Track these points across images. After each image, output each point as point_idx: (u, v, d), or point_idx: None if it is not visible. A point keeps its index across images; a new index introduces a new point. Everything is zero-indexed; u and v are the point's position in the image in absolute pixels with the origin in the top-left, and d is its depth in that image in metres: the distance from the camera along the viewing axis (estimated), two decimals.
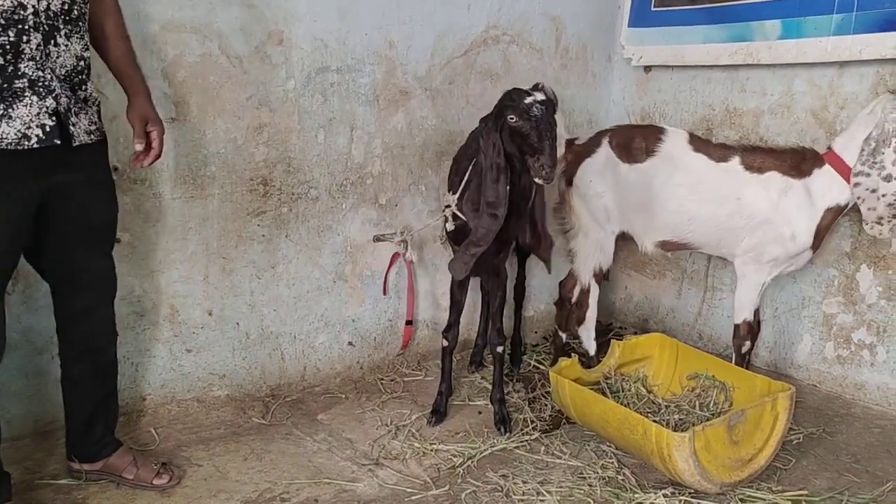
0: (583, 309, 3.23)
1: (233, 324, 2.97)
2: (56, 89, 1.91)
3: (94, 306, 2.22)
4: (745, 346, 2.96)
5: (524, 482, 2.46)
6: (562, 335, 3.40)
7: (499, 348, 2.86)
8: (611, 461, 2.61)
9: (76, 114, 1.99)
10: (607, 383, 2.91)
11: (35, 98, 1.87)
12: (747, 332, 2.94)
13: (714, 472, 2.34)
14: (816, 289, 3.27)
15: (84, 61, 2.02)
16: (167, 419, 2.82)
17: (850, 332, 3.17)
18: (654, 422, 2.41)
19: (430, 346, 3.49)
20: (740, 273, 2.93)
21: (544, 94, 2.42)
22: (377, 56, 3.09)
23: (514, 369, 3.40)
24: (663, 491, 2.39)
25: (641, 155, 2.98)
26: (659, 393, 2.94)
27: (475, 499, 2.38)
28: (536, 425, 2.87)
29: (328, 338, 3.22)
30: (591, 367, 2.99)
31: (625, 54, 3.79)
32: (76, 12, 1.96)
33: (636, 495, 2.38)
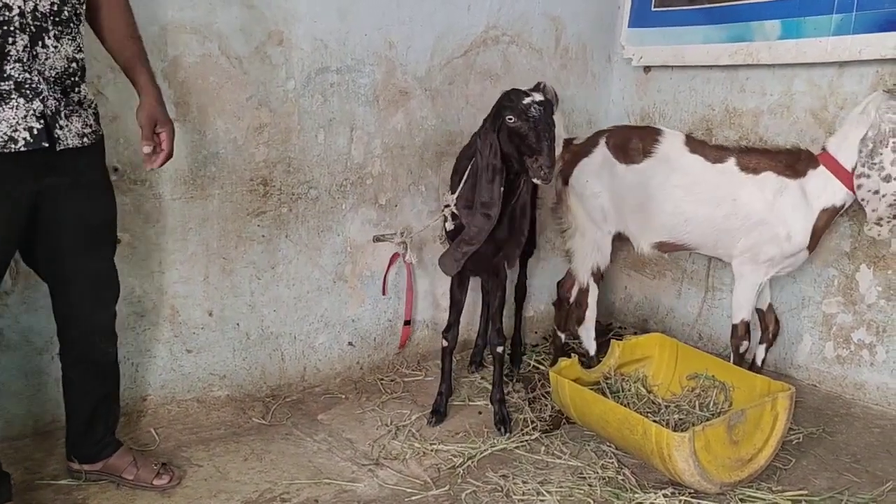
0: (582, 308, 3.23)
1: (233, 324, 2.97)
2: (44, 92, 1.88)
3: (93, 308, 2.21)
4: (744, 345, 2.96)
5: (524, 482, 2.46)
6: (561, 335, 3.40)
7: (499, 348, 2.86)
8: (611, 461, 2.61)
9: (67, 117, 1.95)
10: (607, 383, 2.91)
11: (22, 100, 1.84)
12: (745, 332, 2.95)
13: (714, 472, 2.35)
14: (816, 289, 3.27)
15: (77, 63, 1.98)
16: (167, 419, 2.82)
17: (850, 332, 3.18)
18: (654, 422, 2.41)
19: (430, 346, 3.49)
20: (737, 273, 2.93)
21: (544, 94, 2.43)
22: (377, 56, 3.09)
23: (515, 369, 3.40)
24: (663, 491, 2.39)
25: (638, 156, 2.98)
26: (659, 393, 2.95)
27: (475, 499, 2.38)
28: (536, 425, 2.87)
29: (328, 338, 3.22)
30: (591, 367, 2.99)
31: (625, 54, 3.79)
32: (67, 13, 1.92)
33: (636, 495, 2.38)
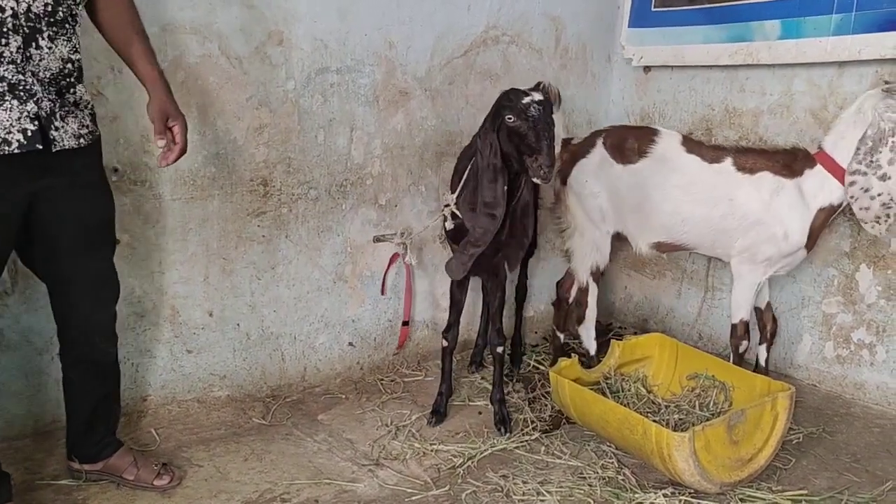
0: (582, 308, 3.23)
1: (233, 324, 2.97)
2: (38, 93, 1.87)
3: (92, 308, 2.20)
4: (743, 345, 2.97)
5: (524, 482, 2.46)
6: (560, 335, 3.40)
7: (499, 349, 2.86)
8: (611, 461, 2.61)
9: (62, 118, 1.94)
10: (607, 383, 2.91)
11: (15, 102, 1.82)
12: (744, 332, 2.95)
13: (714, 472, 2.35)
14: (816, 288, 3.27)
15: (72, 64, 1.97)
16: (168, 420, 2.82)
17: (850, 332, 3.18)
18: (654, 422, 2.41)
19: (430, 346, 3.49)
20: (736, 273, 2.93)
21: (544, 93, 2.43)
22: (377, 56, 3.09)
23: (515, 369, 3.40)
24: (663, 491, 2.39)
25: (634, 156, 2.99)
26: (659, 393, 2.95)
27: (475, 499, 2.39)
28: (536, 425, 2.87)
29: (328, 338, 3.22)
30: (591, 367, 2.99)
31: (625, 54, 3.80)
32: (61, 14, 1.90)
33: (636, 495, 2.38)
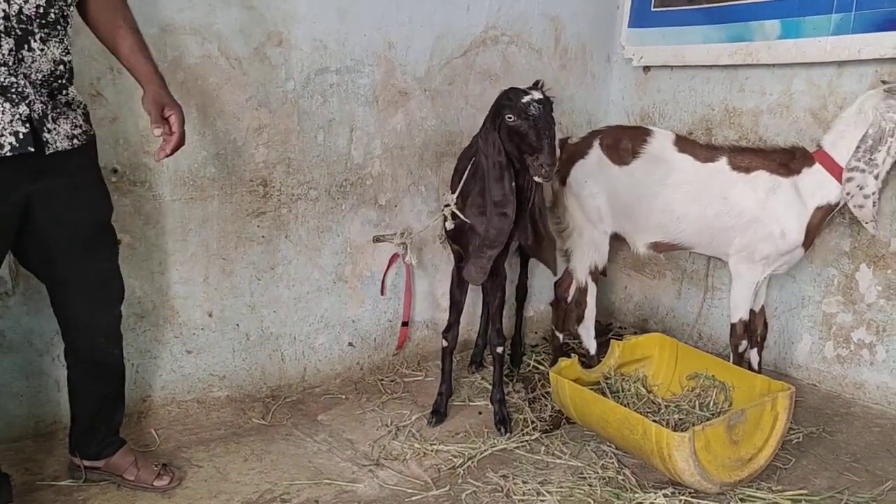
0: (581, 308, 3.24)
1: (233, 325, 2.97)
2: (30, 95, 1.86)
3: (94, 310, 2.20)
4: (742, 345, 2.97)
5: (524, 482, 2.46)
6: (559, 335, 3.40)
7: (499, 349, 2.86)
8: (611, 461, 2.61)
9: (54, 119, 1.93)
10: (607, 383, 2.91)
11: (7, 105, 1.82)
12: (743, 332, 2.95)
13: (714, 472, 2.35)
14: (816, 288, 3.27)
15: (64, 65, 1.96)
16: (167, 420, 2.82)
17: (850, 332, 3.18)
18: (654, 422, 2.41)
19: (430, 346, 3.49)
20: (734, 272, 2.94)
21: (542, 92, 2.43)
22: (376, 57, 3.09)
23: (515, 370, 3.40)
24: (663, 491, 2.39)
25: (628, 156, 3.00)
26: (659, 393, 2.95)
27: (476, 499, 2.39)
28: (536, 425, 2.87)
29: (328, 339, 3.22)
30: (591, 367, 2.99)
31: (625, 54, 3.80)
32: (53, 16, 1.89)
33: (636, 495, 2.38)
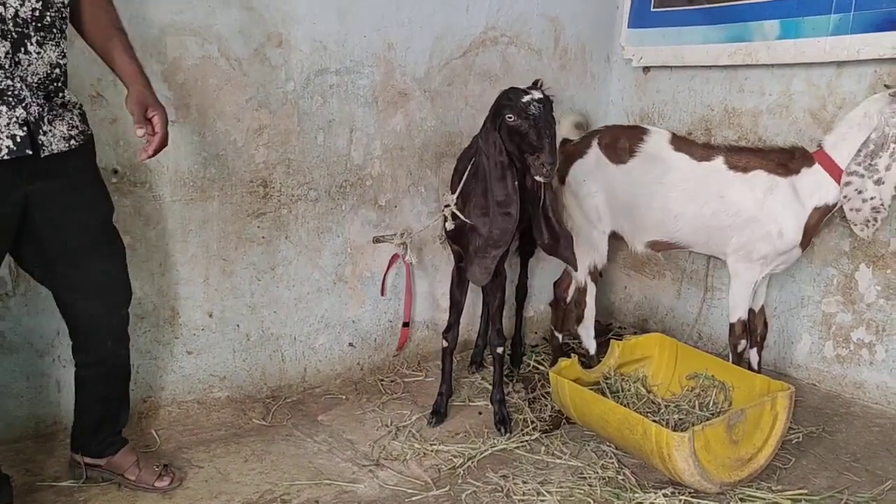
0: (581, 307, 3.24)
1: (233, 325, 2.97)
2: (27, 98, 1.86)
3: (100, 311, 2.19)
4: (742, 344, 2.97)
5: (524, 482, 2.47)
6: (558, 335, 3.40)
7: (499, 349, 2.86)
8: (611, 461, 2.61)
9: (51, 122, 1.93)
10: (607, 383, 2.91)
11: (4, 108, 1.82)
12: (742, 331, 2.95)
13: (714, 472, 2.35)
14: (815, 288, 3.27)
15: (60, 68, 1.96)
16: (168, 421, 2.82)
17: (850, 332, 3.18)
18: (654, 422, 2.41)
19: (430, 346, 3.49)
20: (732, 272, 2.94)
21: (541, 91, 2.43)
22: (376, 58, 3.10)
23: (515, 370, 3.40)
24: (663, 491, 2.39)
25: (625, 155, 3.01)
26: (658, 393, 2.95)
27: (476, 499, 2.39)
28: (536, 426, 2.87)
29: (328, 339, 3.22)
30: (591, 367, 3.00)
31: (625, 55, 3.80)
32: (49, 18, 1.89)
33: (636, 495, 2.39)
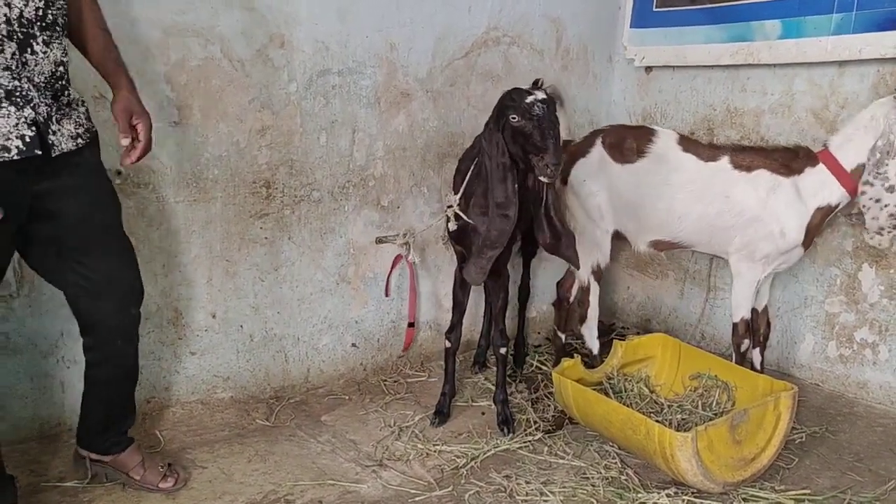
0: (584, 307, 3.24)
1: (236, 326, 2.98)
2: (34, 98, 1.87)
3: (109, 310, 2.19)
4: (745, 344, 2.97)
5: (527, 483, 2.47)
6: (561, 335, 3.40)
7: (502, 349, 2.87)
8: (614, 461, 2.62)
9: (58, 121, 1.94)
10: (610, 383, 2.91)
11: (13, 108, 1.82)
12: (745, 331, 2.95)
13: (717, 472, 2.35)
14: (819, 288, 3.27)
15: (63, 66, 1.97)
16: (171, 421, 2.83)
17: (853, 332, 3.18)
18: (657, 422, 2.41)
19: (433, 347, 3.50)
20: (735, 271, 2.94)
21: (544, 91, 2.43)
22: (378, 58, 3.10)
23: (518, 370, 3.41)
24: (666, 491, 2.40)
25: (632, 155, 3.00)
26: (661, 393, 2.95)
27: (479, 499, 2.39)
28: (540, 426, 2.87)
29: (331, 339, 3.23)
30: (594, 367, 3.00)
31: (627, 55, 3.80)
32: (51, 17, 1.90)
33: (639, 495, 2.39)
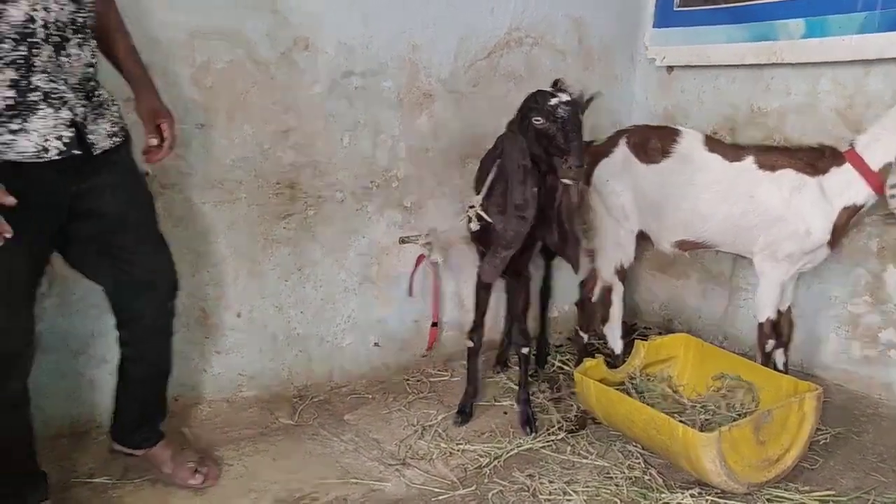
0: (607, 307, 3.24)
1: (261, 326, 3.01)
2: (71, 99, 1.92)
3: (148, 305, 2.25)
4: (769, 345, 2.95)
5: (550, 482, 2.48)
6: (583, 335, 3.40)
7: (524, 349, 2.88)
8: (637, 461, 2.62)
9: (94, 120, 1.99)
10: (632, 383, 2.92)
11: (50, 110, 1.87)
12: (770, 331, 2.94)
13: (741, 473, 2.35)
14: (843, 288, 3.25)
15: (93, 67, 2.02)
16: (198, 419, 2.87)
17: (877, 332, 3.15)
18: (681, 422, 2.41)
19: (456, 347, 3.50)
20: (759, 271, 2.92)
21: (567, 91, 2.43)
22: (401, 60, 3.12)
23: (540, 370, 3.41)
24: (690, 491, 2.39)
25: (657, 155, 3.00)
26: (684, 393, 2.95)
27: (502, 498, 2.40)
28: (562, 425, 2.88)
29: (355, 339, 3.25)
30: (617, 367, 3.00)
31: (649, 55, 3.79)
32: (81, 20, 1.95)
33: (663, 495, 2.39)
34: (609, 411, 2.67)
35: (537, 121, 2.38)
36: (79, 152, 1.93)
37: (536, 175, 2.49)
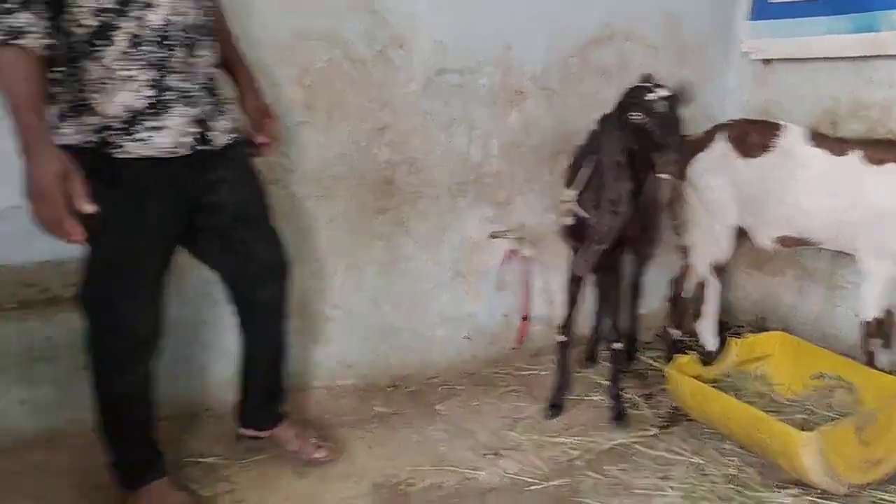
0: (700, 303, 3.21)
1: (358, 317, 3.11)
2: (199, 98, 2.06)
3: (268, 292, 2.39)
4: (874, 344, 2.87)
5: (644, 477, 2.48)
6: (672, 332, 3.38)
7: (615, 345, 2.89)
8: (733, 459, 2.59)
9: (216, 117, 2.12)
10: (727, 381, 2.89)
11: (183, 108, 2.01)
12: (876, 331, 2.85)
13: (842, 473, 2.30)
14: None
15: (216, 67, 2.17)
16: (298, 406, 2.96)
17: None
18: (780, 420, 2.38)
19: (544, 341, 3.51)
20: (864, 268, 2.84)
21: (668, 88, 2.42)
22: (495, 57, 3.15)
23: (629, 366, 3.40)
24: (789, 490, 2.36)
25: (758, 150, 2.95)
26: (780, 392, 2.90)
27: (595, 491, 2.42)
28: (654, 422, 2.87)
29: (446, 332, 3.32)
30: (709, 364, 2.97)
31: (744, 48, 3.72)
32: (208, 23, 2.09)
33: (760, 493, 2.36)
34: (704, 408, 2.65)
35: (635, 116, 2.38)
36: (205, 148, 2.06)
37: (632, 171, 2.49)
